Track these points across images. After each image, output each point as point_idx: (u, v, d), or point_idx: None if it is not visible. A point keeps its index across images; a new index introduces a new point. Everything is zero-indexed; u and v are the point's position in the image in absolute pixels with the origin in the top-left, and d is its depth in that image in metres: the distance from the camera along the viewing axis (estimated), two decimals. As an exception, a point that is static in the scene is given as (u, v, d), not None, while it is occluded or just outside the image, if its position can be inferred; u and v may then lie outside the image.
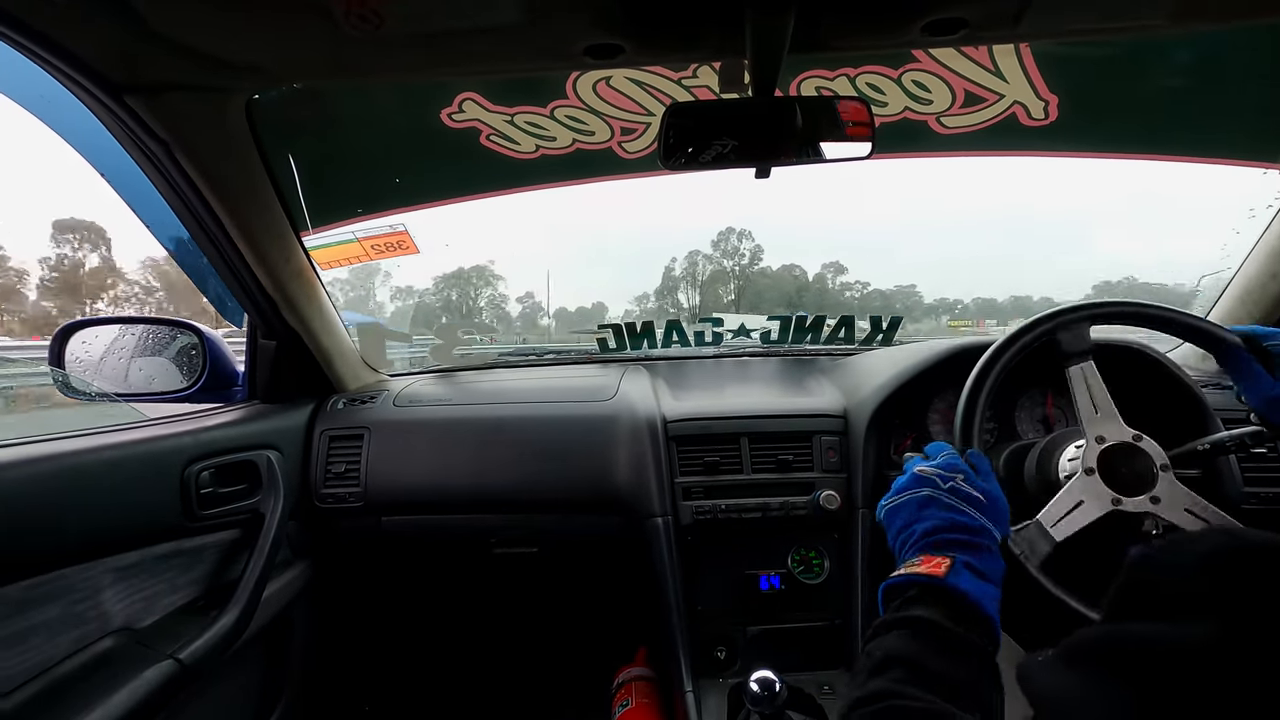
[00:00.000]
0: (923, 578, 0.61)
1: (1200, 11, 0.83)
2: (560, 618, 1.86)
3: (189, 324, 1.32)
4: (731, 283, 5.45)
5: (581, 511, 1.35)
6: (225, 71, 0.88)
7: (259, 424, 1.27)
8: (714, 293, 5.42)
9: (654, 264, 5.68)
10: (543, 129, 1.63)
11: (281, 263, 1.21)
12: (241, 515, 1.15)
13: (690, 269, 5.98)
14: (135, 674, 0.86)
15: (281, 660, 1.33)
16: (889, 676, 0.52)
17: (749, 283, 5.43)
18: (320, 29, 0.77)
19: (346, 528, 1.38)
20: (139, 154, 0.98)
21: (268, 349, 1.32)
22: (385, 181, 1.75)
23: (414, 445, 1.37)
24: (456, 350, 1.72)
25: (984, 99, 1.50)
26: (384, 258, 1.79)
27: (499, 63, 0.95)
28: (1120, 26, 0.87)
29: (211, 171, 1.02)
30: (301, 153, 1.29)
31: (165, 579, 1.01)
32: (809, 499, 1.22)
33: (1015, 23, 0.80)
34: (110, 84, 0.86)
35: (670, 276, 4.40)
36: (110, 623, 0.91)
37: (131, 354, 1.32)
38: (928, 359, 1.22)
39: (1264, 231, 1.29)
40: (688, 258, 6.32)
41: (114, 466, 0.93)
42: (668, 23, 0.80)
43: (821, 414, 1.31)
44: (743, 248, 5.45)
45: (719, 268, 5.61)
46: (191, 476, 1.04)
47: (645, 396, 1.38)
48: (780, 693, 0.95)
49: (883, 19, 0.80)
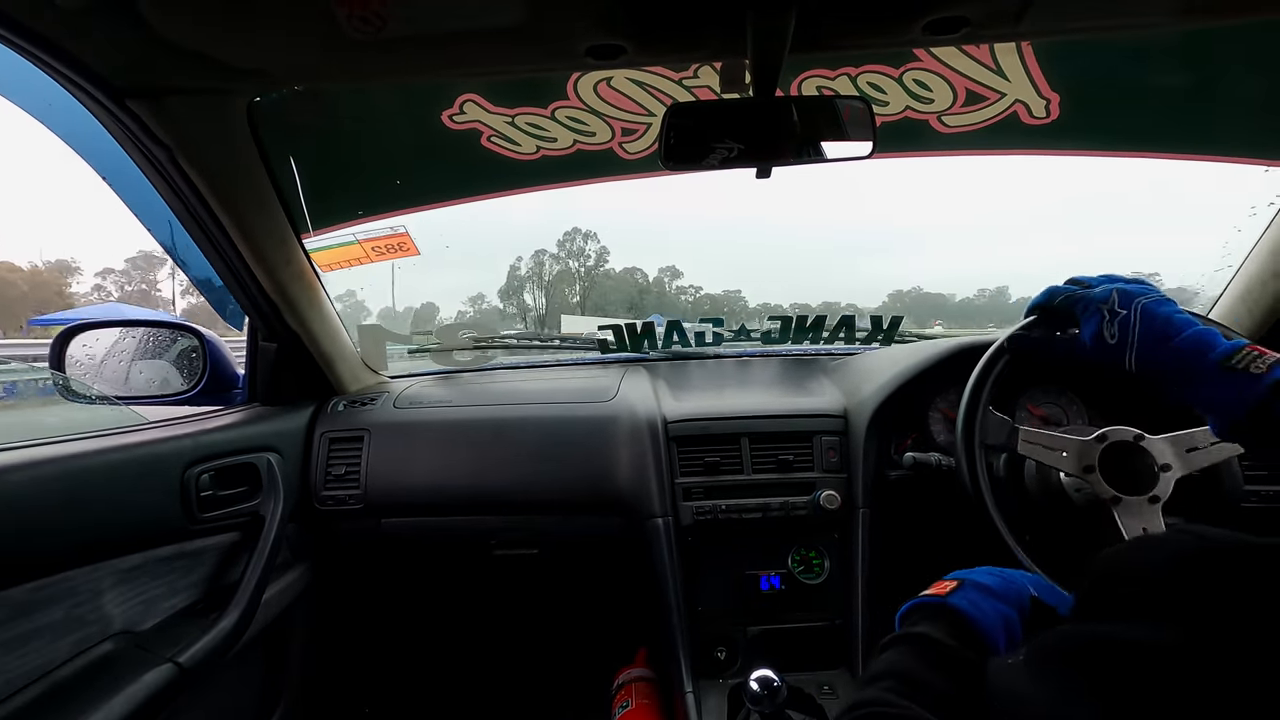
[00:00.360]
0: (927, 599, 0.63)
1: (1202, 8, 0.82)
2: (560, 619, 1.86)
3: (190, 326, 1.33)
4: (577, 284, 5.41)
5: (582, 513, 1.34)
6: (228, 75, 0.88)
7: (259, 426, 1.26)
8: (560, 294, 5.39)
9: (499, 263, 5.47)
10: (544, 130, 1.62)
11: (282, 265, 1.21)
12: (241, 518, 1.14)
13: (536, 269, 5.89)
14: (135, 677, 0.86)
15: (281, 663, 1.33)
16: (879, 686, 0.53)
17: (594, 284, 5.42)
18: (323, 31, 0.77)
19: (346, 530, 1.38)
20: (141, 158, 0.99)
21: (268, 351, 1.32)
22: (386, 183, 1.75)
23: (414, 447, 1.37)
24: (455, 351, 1.72)
25: (985, 98, 1.50)
26: (385, 259, 1.79)
27: (501, 64, 0.94)
28: (1122, 24, 0.87)
29: (213, 175, 1.02)
30: (303, 155, 1.29)
31: (165, 582, 1.01)
32: (809, 499, 1.22)
33: (1017, 21, 0.80)
34: (113, 89, 0.86)
35: (516, 276, 4.36)
36: (110, 626, 0.91)
37: (132, 357, 1.33)
38: (929, 358, 1.22)
39: (1265, 230, 1.28)
40: (534, 257, 6.17)
41: (115, 469, 0.93)
42: (669, 23, 0.80)
43: (822, 414, 1.30)
44: (588, 249, 5.42)
45: (565, 269, 5.57)
46: (192, 479, 1.04)
47: (645, 397, 1.37)
48: (780, 692, 0.95)
49: (884, 18, 0.80)
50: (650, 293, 5.72)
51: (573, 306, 5.47)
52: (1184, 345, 0.65)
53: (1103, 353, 0.71)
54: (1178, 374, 0.66)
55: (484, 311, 4.84)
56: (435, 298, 4.28)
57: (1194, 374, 0.64)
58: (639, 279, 5.83)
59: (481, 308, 5.46)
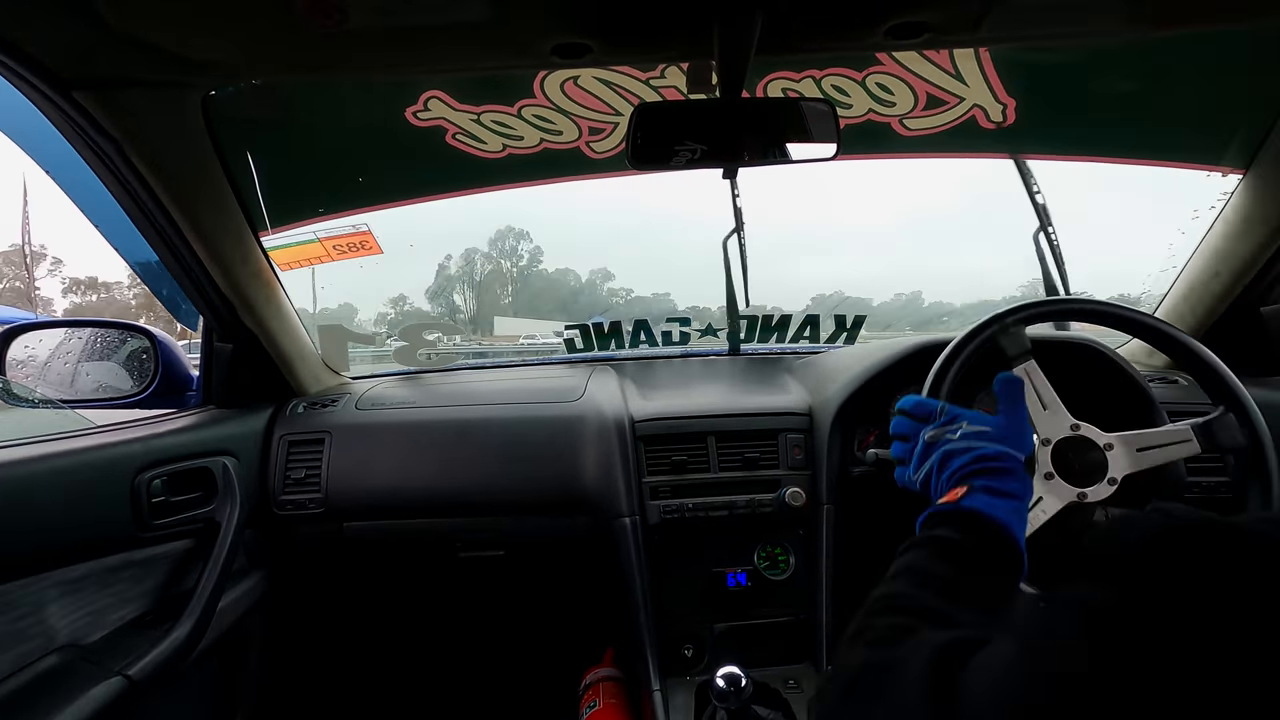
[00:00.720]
0: (941, 507, 0.68)
1: (1147, 18, 0.86)
2: (527, 620, 1.84)
3: (140, 327, 1.28)
4: (510, 285, 5.27)
5: (549, 513, 1.34)
6: (181, 67, 0.85)
7: (214, 430, 1.23)
8: (492, 294, 5.28)
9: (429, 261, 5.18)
10: (510, 128, 1.61)
11: (239, 263, 1.18)
12: (196, 524, 1.11)
13: (467, 268, 5.71)
14: (81, 692, 0.82)
15: (237, 673, 1.29)
16: (895, 583, 0.58)
17: (526, 285, 5.31)
18: (281, 24, 0.75)
19: (307, 534, 1.35)
20: (88, 151, 0.94)
21: (224, 352, 1.28)
22: (347, 181, 1.71)
23: (377, 449, 1.34)
24: (420, 351, 1.69)
25: (945, 101, 1.54)
26: (346, 258, 1.76)
27: (465, 61, 0.93)
28: (1073, 32, 0.90)
29: (165, 170, 0.98)
30: (260, 150, 1.26)
31: (114, 592, 0.98)
32: (775, 496, 1.23)
33: (975, 27, 0.82)
34: (58, 80, 0.83)
35: (445, 276, 4.22)
36: (54, 639, 0.87)
37: (79, 358, 1.28)
38: (888, 357, 1.24)
39: (1206, 233, 1.34)
40: (464, 256, 6.03)
41: (59, 475, 0.89)
42: (636, 23, 0.80)
43: (787, 412, 1.32)
44: (520, 248, 5.28)
45: (496, 268, 5.43)
46: (143, 485, 1.01)
47: (613, 397, 1.37)
48: (746, 688, 0.96)
49: (848, 22, 0.81)
50: (583, 294, 5.66)
51: (504, 308, 5.32)
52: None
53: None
54: None
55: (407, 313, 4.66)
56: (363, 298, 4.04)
57: None
58: (571, 281, 5.78)
59: (404, 309, 5.25)
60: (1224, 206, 1.30)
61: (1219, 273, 1.32)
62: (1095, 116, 1.56)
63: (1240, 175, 1.27)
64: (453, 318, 3.41)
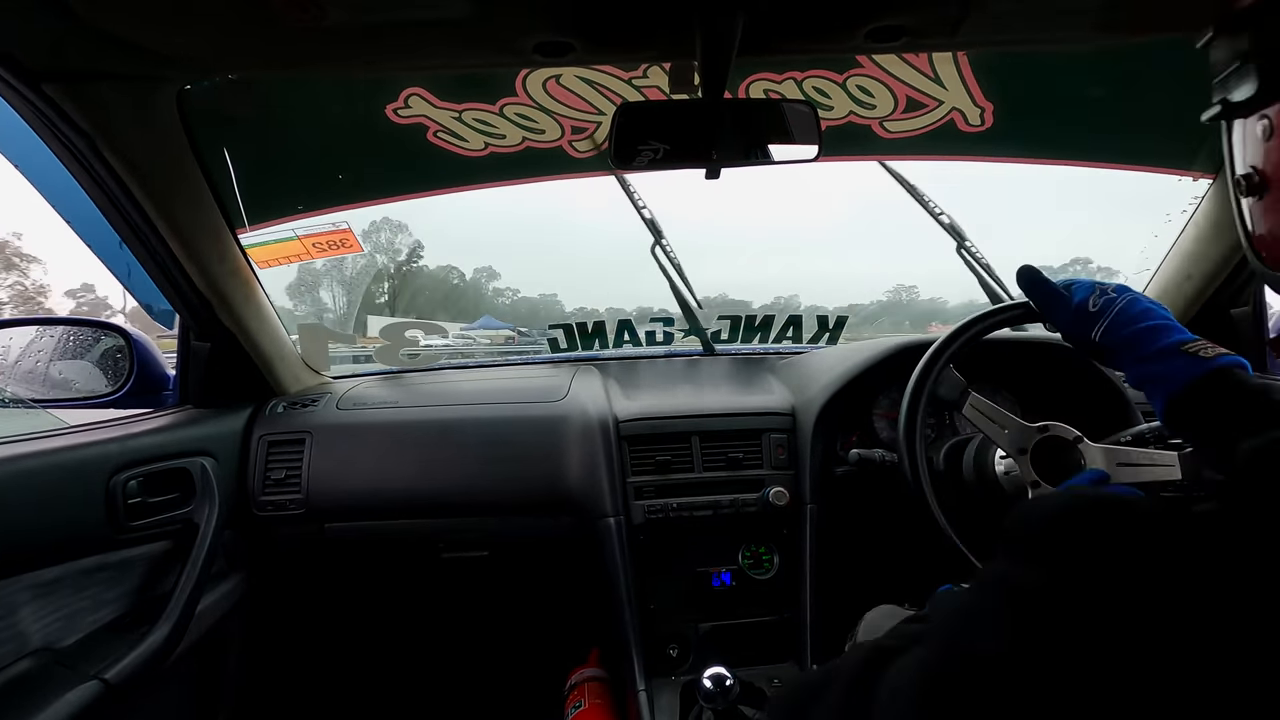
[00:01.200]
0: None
1: (1120, 25, 0.87)
2: (511, 621, 1.84)
3: (114, 325, 1.26)
4: (386, 282, 5.05)
5: (532, 514, 1.33)
6: (154, 61, 0.83)
7: (192, 430, 1.21)
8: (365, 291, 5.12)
9: None
10: (492, 126, 1.60)
11: (216, 261, 1.16)
12: (173, 526, 1.09)
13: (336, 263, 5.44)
14: (56, 696, 0.81)
15: (216, 677, 1.27)
16: None
17: (405, 282, 5.11)
18: (259, 18, 0.74)
19: (287, 536, 1.33)
20: (58, 145, 0.92)
21: (201, 351, 1.26)
22: (327, 178, 1.69)
23: (359, 449, 1.33)
24: (402, 351, 1.68)
25: (924, 105, 1.56)
26: (326, 256, 1.74)
27: (446, 58, 0.93)
28: (1048, 38, 0.92)
29: (139, 166, 0.97)
30: (238, 146, 1.24)
31: (89, 595, 0.96)
32: (759, 496, 1.24)
33: (952, 32, 0.83)
34: (27, 72, 0.81)
35: (310, 271, 4.06)
36: (27, 643, 0.86)
37: (50, 357, 1.25)
38: (870, 358, 1.26)
39: (1178, 236, 1.37)
40: None
41: (31, 476, 0.88)
42: (618, 23, 0.80)
43: (770, 412, 1.33)
44: (398, 242, 5.02)
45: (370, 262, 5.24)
46: (118, 486, 0.99)
47: (596, 396, 1.37)
48: (732, 689, 0.96)
49: (828, 25, 0.82)
50: (467, 294, 5.54)
51: (379, 306, 5.10)
52: (1149, 326, 0.72)
53: (1078, 320, 0.78)
54: (1135, 347, 0.72)
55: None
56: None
57: (1149, 350, 0.71)
58: (455, 279, 5.62)
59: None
60: (1195, 211, 1.33)
61: (1191, 275, 1.35)
62: (1070, 121, 1.59)
63: (1211, 180, 1.30)
64: (320, 317, 3.31)
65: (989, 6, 0.78)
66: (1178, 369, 0.68)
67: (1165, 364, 0.69)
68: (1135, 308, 0.74)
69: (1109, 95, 1.48)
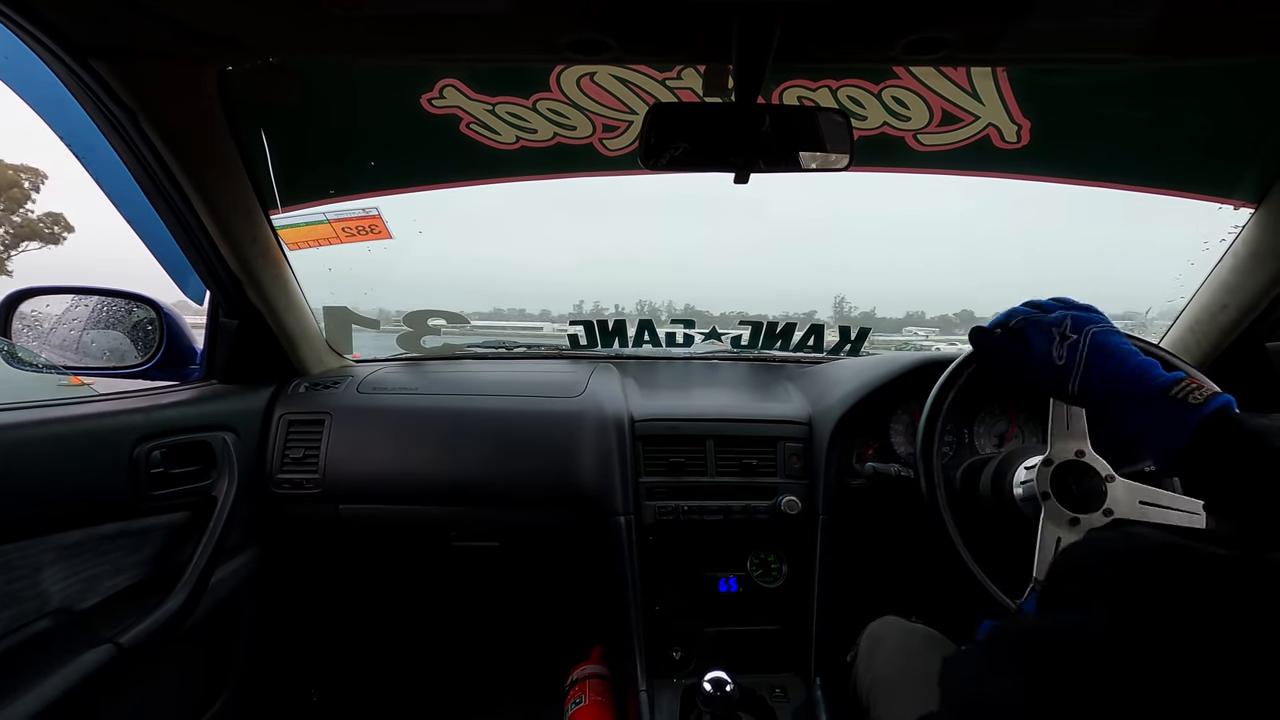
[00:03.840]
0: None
1: (1166, 47, 0.86)
2: (517, 613, 1.85)
3: (146, 298, 1.28)
4: None
5: (544, 507, 1.34)
6: (200, 41, 0.85)
7: (215, 404, 1.23)
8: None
9: None
10: (524, 120, 1.61)
11: (248, 240, 1.18)
12: (192, 498, 1.11)
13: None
14: (72, 657, 0.83)
15: (228, 646, 1.29)
16: None
17: None
18: (301, 4, 0.75)
19: (302, 514, 1.35)
20: (102, 119, 0.95)
21: (229, 328, 1.29)
22: (360, 163, 1.71)
23: (377, 433, 1.35)
24: (424, 338, 1.69)
25: (960, 119, 1.54)
26: (355, 241, 1.76)
27: (481, 51, 0.94)
28: (1090, 58, 0.90)
29: (179, 143, 0.99)
30: (275, 129, 1.26)
31: (109, 560, 0.98)
32: (770, 503, 1.24)
33: (993, 47, 0.82)
34: (76, 46, 0.83)
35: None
36: (47, 603, 0.88)
37: (84, 325, 1.28)
38: (892, 371, 1.25)
39: (1216, 264, 1.34)
40: None
41: (60, 441, 0.90)
42: (655, 23, 0.80)
43: (787, 420, 1.32)
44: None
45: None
46: (142, 455, 1.01)
47: (614, 395, 1.37)
48: (732, 694, 0.96)
49: (867, 34, 0.81)
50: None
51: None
52: (1126, 374, 0.67)
53: (1049, 374, 0.72)
54: (1117, 401, 0.67)
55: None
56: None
57: (1132, 401, 0.65)
58: None
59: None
60: (1234, 240, 1.30)
61: (1227, 305, 1.31)
62: (1108, 143, 1.56)
63: (1252, 209, 1.27)
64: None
65: (1030, 24, 0.77)
66: (1169, 421, 0.62)
67: (1154, 415, 0.64)
68: (1102, 353, 0.69)
69: (1150, 118, 1.45)
